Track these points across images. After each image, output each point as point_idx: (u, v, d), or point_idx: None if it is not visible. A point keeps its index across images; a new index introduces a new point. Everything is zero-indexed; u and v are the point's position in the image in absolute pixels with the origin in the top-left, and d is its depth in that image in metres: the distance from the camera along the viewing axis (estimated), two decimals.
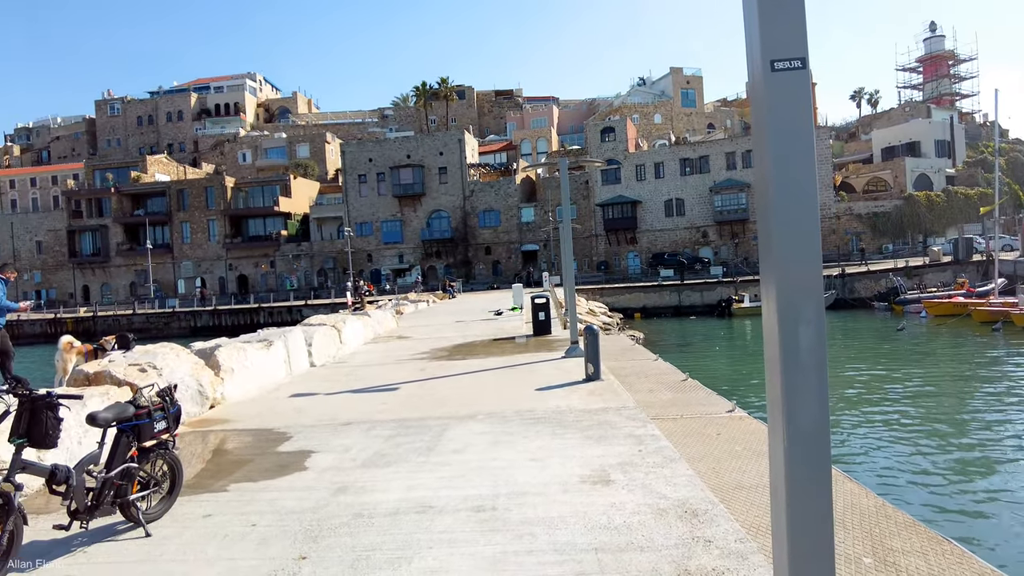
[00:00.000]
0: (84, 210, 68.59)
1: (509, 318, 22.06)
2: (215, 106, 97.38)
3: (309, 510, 4.53)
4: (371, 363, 12.62)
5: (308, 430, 7.05)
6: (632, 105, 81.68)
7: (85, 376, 7.16)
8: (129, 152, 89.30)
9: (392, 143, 64.54)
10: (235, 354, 9.23)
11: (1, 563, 3.51)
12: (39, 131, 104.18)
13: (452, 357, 12.71)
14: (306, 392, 9.51)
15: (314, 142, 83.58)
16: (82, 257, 67.95)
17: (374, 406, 8.17)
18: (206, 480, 5.41)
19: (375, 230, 63.05)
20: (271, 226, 65.60)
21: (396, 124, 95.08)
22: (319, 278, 63.19)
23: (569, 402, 7.70)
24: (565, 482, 4.86)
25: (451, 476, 5.13)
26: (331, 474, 5.36)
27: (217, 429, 7.38)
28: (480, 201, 61.63)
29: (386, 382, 10.02)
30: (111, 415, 4.05)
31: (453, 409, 7.70)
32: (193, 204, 65.71)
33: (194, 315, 52.46)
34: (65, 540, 4.18)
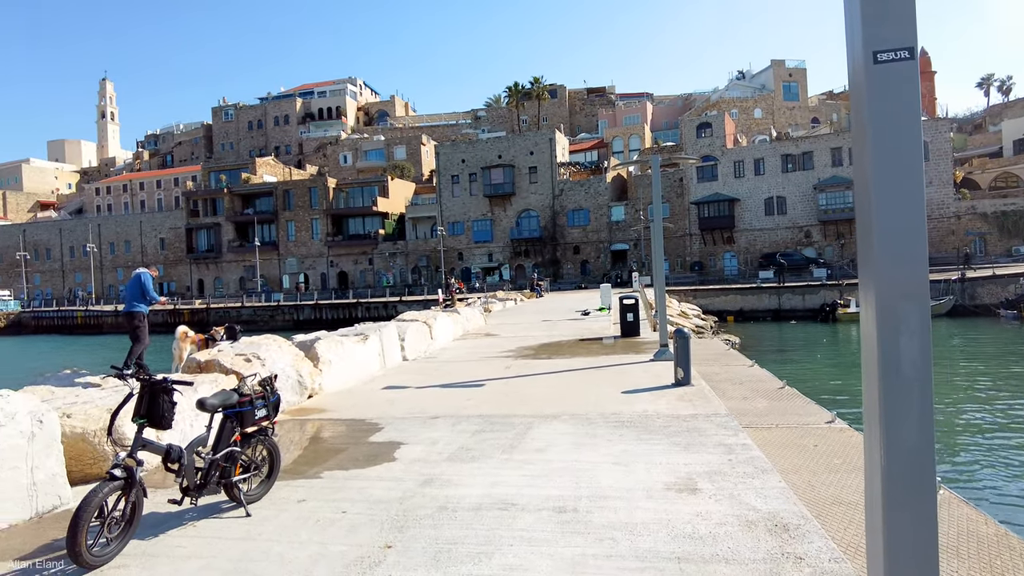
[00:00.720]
0: (200, 209, 74.11)
1: (596, 318, 21.87)
2: (318, 110, 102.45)
3: (396, 500, 4.68)
4: (459, 359, 12.87)
5: (398, 422, 7.29)
6: (730, 100, 78.85)
7: (197, 364, 7.73)
8: (240, 155, 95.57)
9: (484, 144, 65.52)
10: (333, 347, 9.68)
11: (125, 530, 3.86)
12: (164, 137, 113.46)
13: (538, 356, 12.75)
14: (398, 385, 9.83)
15: (410, 144, 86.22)
16: (198, 253, 73.43)
17: (461, 401, 8.34)
18: (302, 466, 5.71)
19: (466, 229, 64.25)
20: (369, 225, 68.31)
21: (488, 125, 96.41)
22: (413, 275, 65.16)
23: (656, 407, 7.54)
24: (649, 488, 4.76)
25: (533, 475, 5.15)
26: (418, 466, 5.52)
27: (314, 418, 7.77)
28: (569, 200, 61.43)
29: (473, 378, 10.19)
30: (218, 401, 4.36)
31: (537, 408, 7.72)
32: (298, 204, 69.46)
33: (297, 309, 55.42)
34: (177, 514, 4.54)
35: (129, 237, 79.20)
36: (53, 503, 4.80)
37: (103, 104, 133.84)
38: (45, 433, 4.78)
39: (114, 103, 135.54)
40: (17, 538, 4.32)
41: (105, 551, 3.74)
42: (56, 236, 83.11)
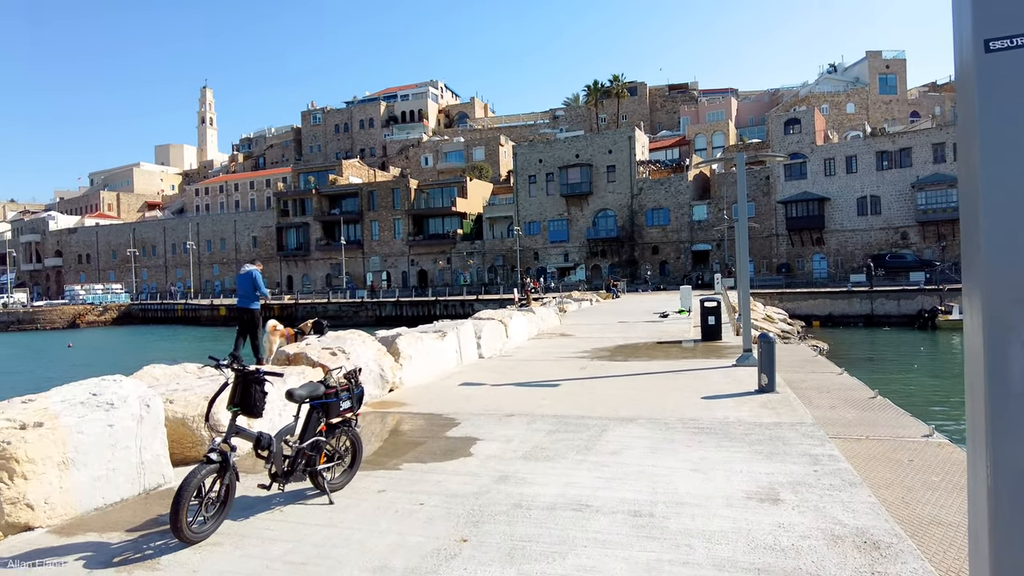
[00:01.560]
0: (290, 209, 77.71)
1: (675, 321, 21.40)
2: (401, 113, 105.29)
3: (472, 495, 4.76)
4: (534, 358, 12.91)
5: (474, 418, 7.40)
6: (820, 94, 75.27)
7: (286, 357, 8.12)
8: (328, 157, 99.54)
9: (561, 143, 65.41)
10: (413, 343, 9.94)
11: (220, 510, 4.12)
12: (257, 140, 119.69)
13: (614, 358, 12.62)
14: (474, 382, 9.97)
15: (488, 145, 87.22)
16: (287, 251, 77.04)
17: (535, 400, 8.37)
18: (382, 458, 5.89)
19: (542, 229, 64.35)
20: (448, 225, 69.64)
21: (567, 124, 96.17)
22: (489, 274, 65.89)
23: (738, 413, 7.31)
24: (729, 496, 4.63)
25: (608, 477, 5.11)
26: (494, 463, 5.58)
27: (394, 411, 8.00)
28: (649, 199, 60.37)
29: (548, 378, 10.20)
30: (305, 392, 4.57)
31: (612, 410, 7.64)
32: (381, 204, 71.68)
33: (379, 305, 57.22)
34: (266, 498, 4.79)
35: (224, 235, 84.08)
36: (158, 481, 5.18)
37: (203, 110, 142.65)
38: (152, 417, 5.16)
39: (213, 109, 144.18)
40: (128, 511, 4.68)
41: (203, 529, 4.00)
42: (161, 234, 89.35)
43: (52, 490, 4.44)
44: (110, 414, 4.86)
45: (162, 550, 3.95)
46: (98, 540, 4.17)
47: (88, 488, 4.68)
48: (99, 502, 4.75)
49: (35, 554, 3.96)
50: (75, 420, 4.65)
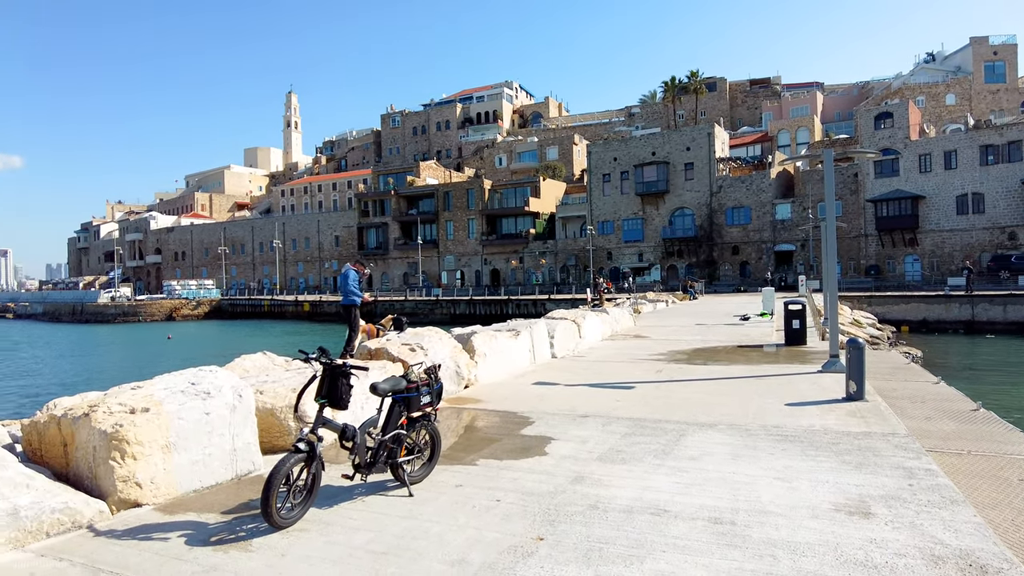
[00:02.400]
0: (370, 210, 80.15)
1: (757, 324, 20.68)
2: (476, 115, 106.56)
3: (547, 494, 4.77)
4: (608, 359, 12.78)
5: (548, 417, 7.41)
6: (916, 86, 70.87)
7: (368, 352, 8.39)
8: (406, 159, 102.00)
9: (637, 141, 64.39)
10: (488, 341, 10.05)
11: (306, 498, 4.30)
12: (339, 143, 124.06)
13: (691, 361, 12.32)
14: (547, 381, 9.98)
15: (562, 144, 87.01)
16: (367, 250, 79.46)
17: (610, 402, 8.28)
18: (459, 453, 5.99)
19: (616, 228, 63.59)
20: (521, 225, 69.99)
21: (643, 122, 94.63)
22: (562, 274, 65.73)
23: (824, 421, 6.99)
24: (815, 507, 4.43)
25: (687, 483, 4.99)
26: (569, 463, 5.57)
27: (469, 407, 8.12)
28: (728, 197, 58.55)
29: (622, 379, 10.08)
30: (388, 387, 4.71)
31: (691, 415, 7.47)
32: (456, 204, 72.86)
33: (453, 303, 58.19)
34: (349, 488, 4.97)
35: (308, 235, 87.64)
36: (248, 468, 5.46)
37: (288, 114, 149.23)
38: (243, 406, 5.45)
39: (297, 113, 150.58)
40: (222, 494, 4.97)
41: (290, 515, 4.19)
42: (249, 233, 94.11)
43: (157, 471, 4.77)
44: (207, 403, 5.17)
45: (253, 533, 4.16)
46: (197, 520, 4.44)
47: (187, 471, 5.00)
48: (197, 484, 5.06)
49: (143, 529, 4.26)
50: (176, 407, 4.97)
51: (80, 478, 4.74)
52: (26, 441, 5.14)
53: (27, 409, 20.26)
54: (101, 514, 4.45)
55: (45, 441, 4.96)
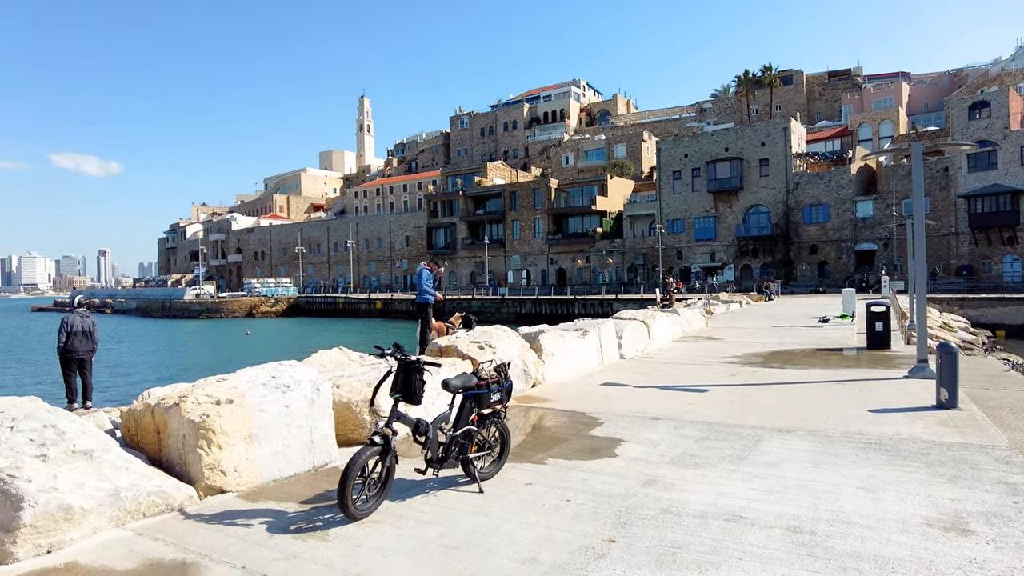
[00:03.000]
0: (439, 210, 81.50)
1: (836, 327, 19.78)
2: (543, 114, 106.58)
3: (618, 496, 4.70)
4: (678, 361, 12.51)
5: (617, 419, 7.31)
6: (1017, 71, 66.06)
7: (438, 348, 8.51)
8: (474, 160, 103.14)
9: (709, 137, 62.79)
10: (555, 340, 10.02)
11: (380, 491, 4.40)
12: (410, 146, 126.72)
13: (767, 364, 11.90)
14: (616, 382, 9.86)
15: (631, 142, 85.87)
16: (436, 249, 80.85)
17: (681, 405, 8.10)
18: (527, 451, 5.99)
19: (687, 227, 62.20)
20: (588, 224, 69.52)
21: (714, 117, 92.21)
22: (629, 274, 64.87)
23: (912, 430, 6.60)
24: (904, 520, 4.19)
25: (764, 490, 4.82)
26: (639, 465, 5.48)
27: (537, 406, 8.11)
28: (806, 194, 56.26)
29: (694, 382, 9.84)
30: (459, 383, 4.76)
31: (767, 420, 7.21)
32: (522, 204, 73.11)
33: (519, 303, 58.43)
34: (420, 482, 5.05)
35: (380, 235, 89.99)
36: (325, 460, 5.64)
37: (361, 118, 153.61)
38: (321, 399, 5.63)
39: (370, 117, 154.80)
40: (300, 485, 5.15)
41: (365, 507, 4.29)
42: (324, 233, 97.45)
43: (240, 460, 4.99)
44: (286, 396, 5.37)
45: (329, 523, 4.29)
46: (276, 508, 4.62)
47: (268, 461, 5.21)
48: (276, 474, 5.26)
49: (227, 515, 4.47)
50: (258, 399, 5.19)
51: (171, 464, 5.02)
52: (124, 428, 5.48)
53: (125, 398, 21.69)
54: (190, 499, 4.69)
55: (141, 428, 5.28)
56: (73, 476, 4.14)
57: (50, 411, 4.54)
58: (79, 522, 4.06)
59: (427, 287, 9.90)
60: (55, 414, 4.50)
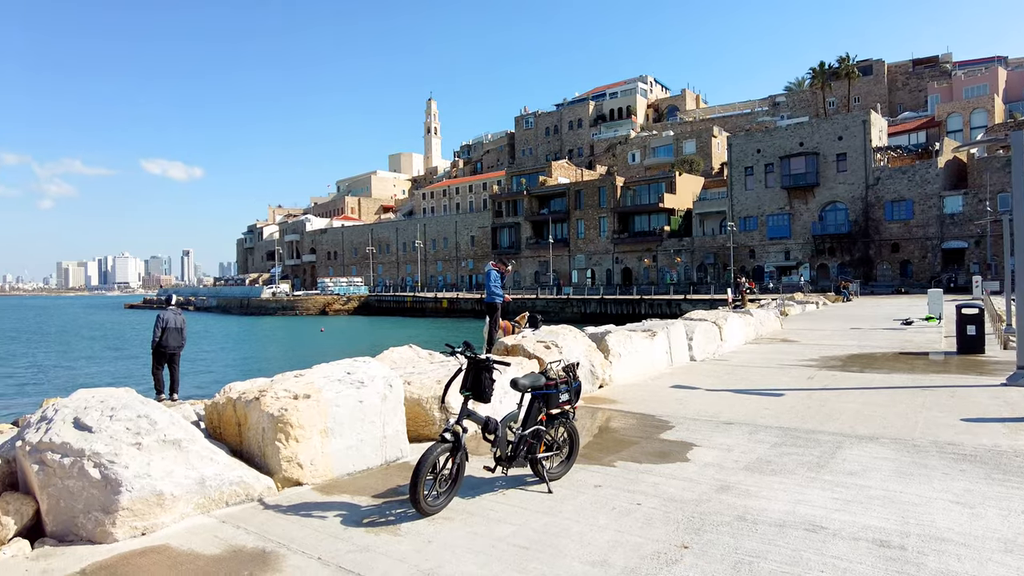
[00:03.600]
0: (504, 210, 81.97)
1: (921, 329, 18.70)
2: (609, 111, 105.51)
3: (691, 501, 4.58)
4: (752, 364, 12.12)
5: (689, 422, 7.14)
6: None
7: (505, 347, 8.54)
8: (538, 159, 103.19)
9: (782, 131, 60.56)
10: (622, 340, 9.88)
11: (451, 487, 4.45)
12: (475, 147, 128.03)
13: (846, 368, 11.36)
14: (686, 385, 9.63)
15: (700, 137, 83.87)
16: (500, 249, 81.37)
17: (756, 409, 7.83)
18: (596, 453, 5.93)
19: (759, 225, 60.21)
20: (655, 222, 68.36)
21: (788, 111, 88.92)
22: (698, 273, 63.37)
23: (1014, 442, 6.14)
24: (1008, 540, 3.89)
25: (846, 500, 4.59)
26: (712, 471, 5.32)
27: (604, 408, 8.02)
28: (887, 190, 53.45)
29: (768, 386, 9.50)
30: (528, 382, 4.75)
31: (847, 426, 6.87)
32: (587, 203, 72.60)
33: (584, 303, 58.03)
34: (489, 480, 5.07)
35: (447, 235, 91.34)
36: (396, 455, 5.75)
37: (428, 121, 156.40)
38: (393, 395, 5.74)
39: (437, 119, 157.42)
40: (372, 479, 5.27)
41: (436, 503, 4.35)
42: (393, 234, 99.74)
43: (316, 453, 5.15)
44: (360, 391, 5.50)
45: (401, 518, 4.36)
46: (350, 501, 4.74)
47: (342, 455, 5.35)
48: (350, 468, 5.40)
49: (304, 507, 4.62)
50: (333, 395, 5.34)
51: (251, 455, 5.23)
52: (208, 419, 5.76)
53: (206, 391, 22.86)
54: (269, 489, 4.88)
55: (223, 420, 5.53)
56: (164, 464, 4.38)
57: (143, 402, 4.81)
58: (169, 507, 4.28)
59: (495, 287, 9.95)
60: (148, 405, 4.77)
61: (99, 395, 4.82)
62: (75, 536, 4.12)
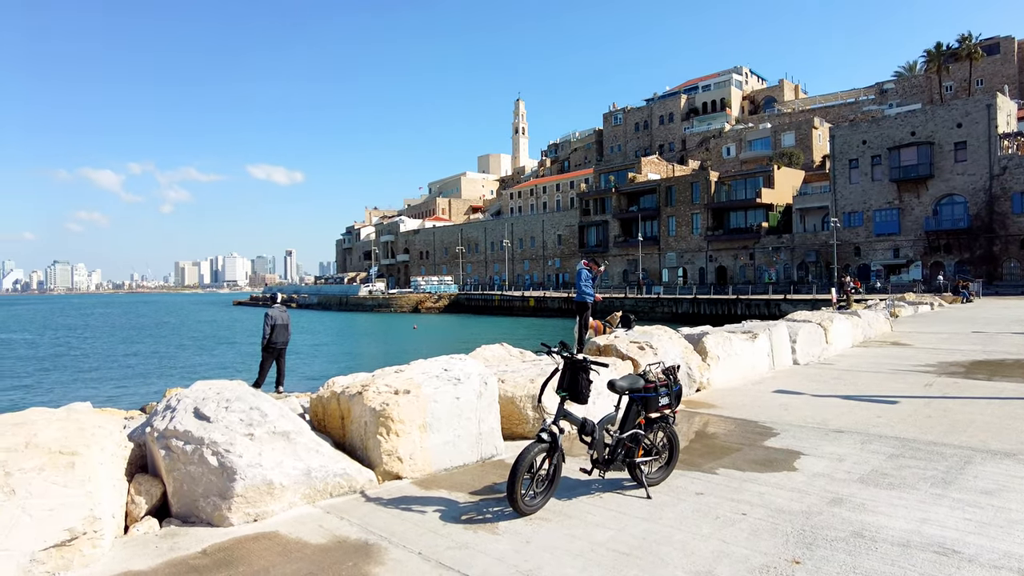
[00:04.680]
0: (591, 208, 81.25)
1: None
2: (702, 104, 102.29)
3: (800, 513, 4.32)
4: (860, 368, 11.35)
5: (794, 429, 6.76)
6: None
7: (596, 347, 8.42)
8: (627, 156, 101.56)
9: (892, 120, 56.52)
10: (721, 342, 9.52)
11: (547, 488, 4.41)
12: (563, 145, 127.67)
13: (970, 375, 10.42)
14: (789, 390, 9.15)
15: (800, 129, 79.81)
16: (588, 247, 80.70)
17: (867, 417, 7.31)
18: (695, 459, 5.71)
19: (865, 220, 56.52)
20: (752, 218, 65.65)
21: (898, 98, 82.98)
22: (799, 272, 60.31)
23: None
24: None
25: (982, 522, 4.18)
26: (823, 482, 5.00)
27: (703, 412, 7.74)
28: (1017, 181, 48.77)
29: (880, 392, 8.86)
30: (626, 384, 4.63)
31: (976, 439, 6.28)
32: (679, 199, 70.68)
33: (675, 302, 56.55)
34: (585, 482, 5.00)
35: (534, 234, 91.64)
36: (491, 452, 5.78)
37: (516, 121, 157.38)
38: (488, 393, 5.78)
39: (525, 120, 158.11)
40: (468, 475, 5.32)
41: (533, 503, 4.32)
42: (481, 233, 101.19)
43: (415, 448, 5.25)
44: (457, 388, 5.57)
45: (498, 516, 4.37)
46: (448, 497, 4.79)
47: (439, 450, 5.44)
48: (447, 464, 5.48)
49: (404, 500, 4.71)
50: (432, 391, 5.43)
51: (353, 448, 5.41)
52: (312, 412, 6.00)
53: (309, 384, 24.05)
54: (370, 482, 5.02)
55: (327, 414, 5.74)
56: (274, 455, 4.59)
57: (255, 394, 5.08)
58: (278, 496, 4.49)
59: (586, 287, 9.83)
60: (259, 397, 5.02)
61: (215, 387, 5.13)
62: (196, 518, 4.40)
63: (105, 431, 4.34)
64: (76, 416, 4.34)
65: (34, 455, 3.71)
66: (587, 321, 10.11)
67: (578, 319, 10.76)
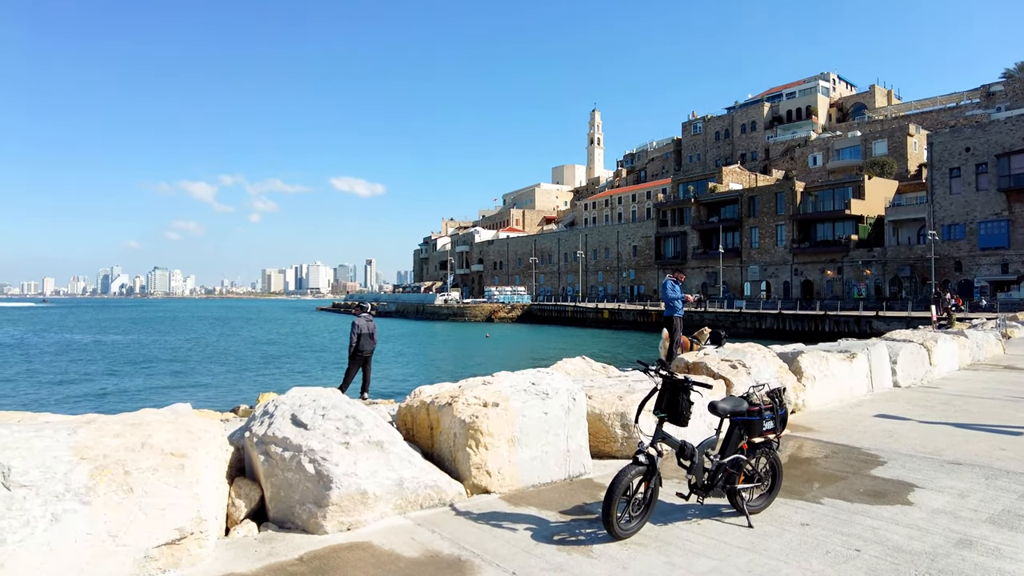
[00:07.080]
0: (669, 219, 79.64)
1: None
2: (786, 112, 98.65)
3: (924, 555, 3.96)
4: (971, 394, 10.49)
5: (903, 458, 6.28)
6: None
7: (685, 365, 8.13)
8: (707, 165, 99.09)
9: (1000, 125, 52.59)
10: (817, 362, 9.02)
11: (644, 512, 4.24)
12: (639, 155, 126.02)
13: None
14: (892, 415, 8.54)
15: (893, 136, 75.58)
16: (665, 259, 79.10)
17: (987, 449, 6.71)
18: (796, 486, 5.38)
19: (968, 233, 52.72)
20: (840, 230, 62.56)
21: (1007, 101, 77.19)
22: (891, 287, 56.90)
23: None
24: None
25: None
26: (945, 519, 4.59)
27: (799, 436, 7.33)
28: None
29: (999, 422, 8.13)
30: (729, 407, 4.41)
31: None
32: (762, 210, 68.21)
33: (759, 317, 54.48)
34: (681, 507, 4.78)
35: (608, 245, 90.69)
36: (579, 470, 5.65)
37: (592, 131, 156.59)
38: (577, 409, 5.66)
39: (600, 130, 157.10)
40: (556, 493, 5.20)
41: (628, 527, 4.16)
42: (555, 244, 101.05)
43: (503, 462, 5.19)
44: (545, 403, 5.48)
45: (592, 538, 4.23)
46: (538, 515, 4.69)
47: (527, 466, 5.35)
48: (535, 480, 5.39)
49: (493, 516, 4.65)
50: (520, 404, 5.36)
51: (441, 459, 5.40)
52: (400, 421, 6.05)
53: (389, 386, 24.58)
54: (459, 495, 4.99)
55: (416, 423, 5.77)
56: (368, 464, 4.63)
57: (350, 403, 5.16)
58: (371, 506, 4.52)
59: (676, 299, 9.52)
60: (354, 406, 5.10)
61: (311, 394, 5.25)
62: (292, 524, 4.49)
63: (210, 434, 4.50)
64: (184, 419, 4.53)
65: (149, 456, 3.88)
66: (679, 338, 9.77)
67: (664, 333, 10.45)
